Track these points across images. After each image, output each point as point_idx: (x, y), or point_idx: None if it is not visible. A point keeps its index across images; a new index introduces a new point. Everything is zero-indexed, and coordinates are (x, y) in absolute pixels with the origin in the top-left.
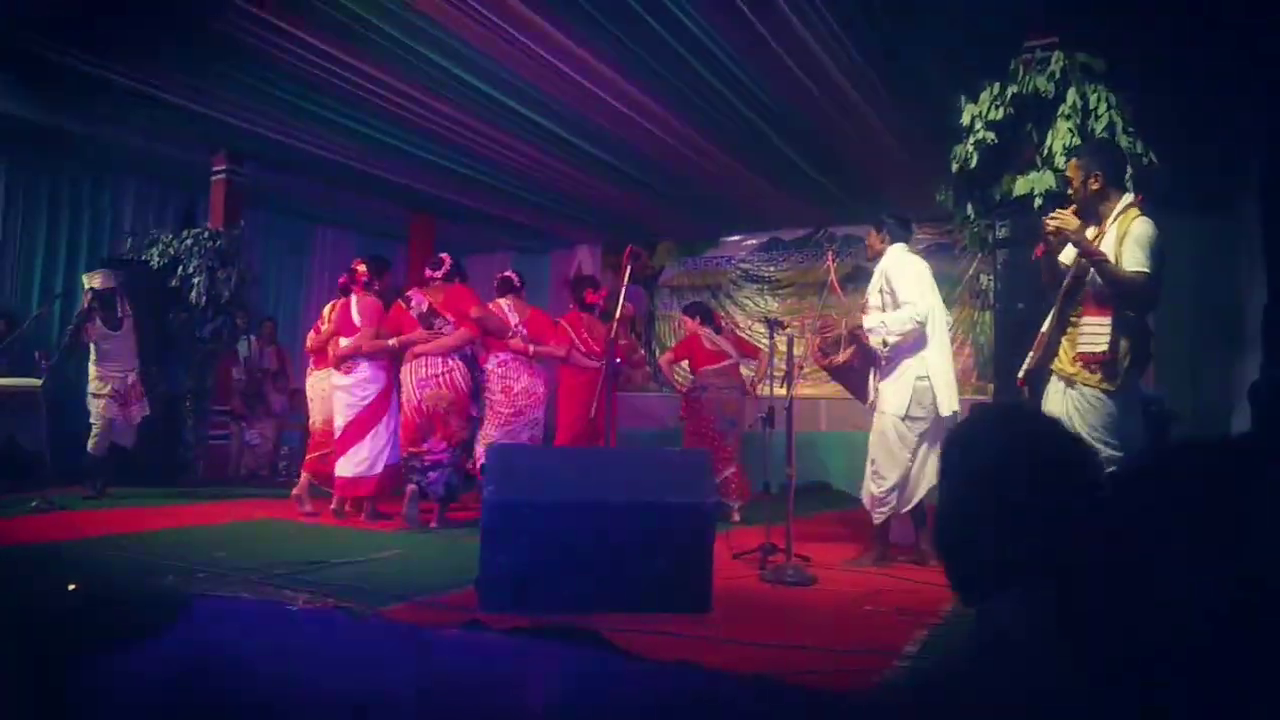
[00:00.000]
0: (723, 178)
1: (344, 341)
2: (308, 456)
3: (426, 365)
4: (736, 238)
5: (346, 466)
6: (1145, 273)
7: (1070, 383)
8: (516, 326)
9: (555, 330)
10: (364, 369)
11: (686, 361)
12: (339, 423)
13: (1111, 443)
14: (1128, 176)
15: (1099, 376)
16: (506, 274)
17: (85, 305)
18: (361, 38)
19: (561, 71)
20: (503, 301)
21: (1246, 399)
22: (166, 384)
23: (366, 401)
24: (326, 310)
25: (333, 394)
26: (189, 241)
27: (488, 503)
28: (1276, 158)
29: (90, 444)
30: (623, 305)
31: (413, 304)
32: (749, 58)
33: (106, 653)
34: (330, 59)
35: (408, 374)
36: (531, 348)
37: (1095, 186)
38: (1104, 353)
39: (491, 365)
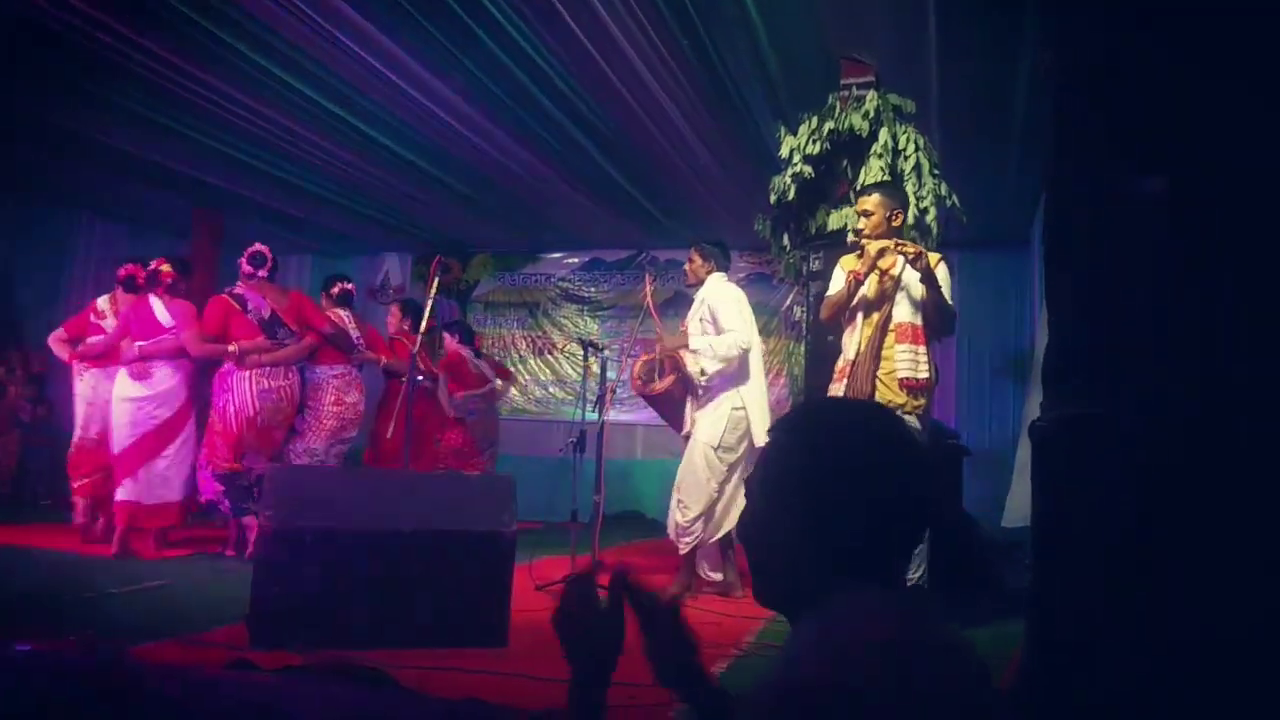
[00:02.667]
0: (544, 192)
1: (136, 344)
2: (79, 477)
3: (269, 376)
4: (557, 255)
5: (137, 490)
6: (952, 306)
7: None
8: (358, 340)
9: (387, 346)
10: (166, 378)
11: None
12: (123, 437)
13: None
14: (931, 217)
15: (922, 403)
16: (347, 285)
17: None
18: (154, 16)
19: (373, 68)
20: (342, 313)
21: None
22: None
23: (165, 416)
24: (105, 306)
25: (115, 404)
26: None
27: (263, 530)
28: (1054, 197)
29: None
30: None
31: (250, 307)
32: (573, 71)
33: None
34: (111, 32)
35: (245, 382)
36: (383, 360)
37: (897, 222)
38: (927, 379)
39: (324, 374)
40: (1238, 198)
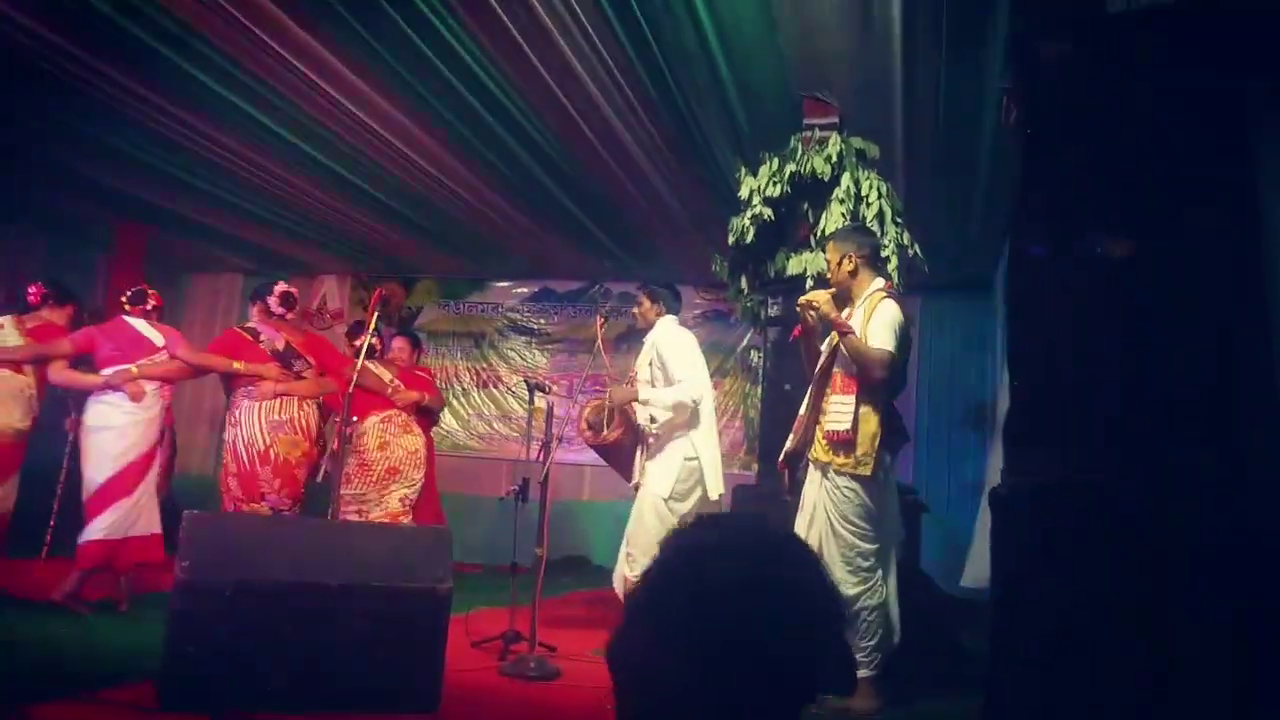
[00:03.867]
0: (493, 220)
1: (132, 363)
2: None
3: (280, 408)
4: (505, 284)
5: (118, 524)
6: (888, 351)
7: (824, 470)
8: (392, 381)
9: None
10: (155, 401)
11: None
12: (109, 467)
13: (867, 534)
14: (893, 266)
15: (851, 461)
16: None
17: None
18: (68, 12)
19: (318, 87)
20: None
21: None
22: None
23: (152, 440)
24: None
25: (95, 432)
26: None
27: (180, 581)
28: (1018, 256)
29: None
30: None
31: (263, 338)
32: (528, 99)
33: None
34: (27, 33)
35: (254, 414)
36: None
37: (849, 268)
38: (846, 431)
39: (370, 420)
40: (1206, 259)
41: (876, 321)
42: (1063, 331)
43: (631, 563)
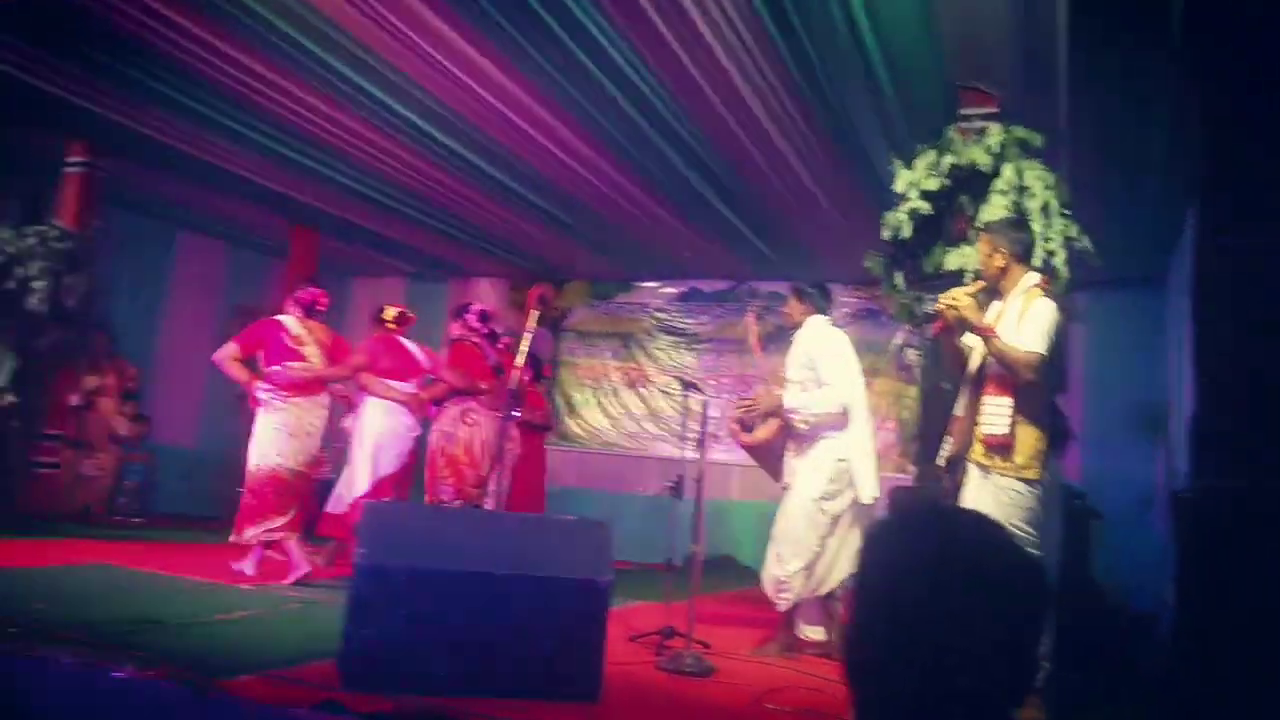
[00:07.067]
0: (642, 220)
1: (389, 384)
2: (286, 510)
3: (477, 415)
4: (653, 284)
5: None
6: (1037, 353)
7: (986, 471)
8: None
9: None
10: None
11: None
12: (385, 466)
13: (1030, 538)
14: (1060, 259)
15: (1012, 464)
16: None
17: None
18: (252, 32)
19: (474, 92)
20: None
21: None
22: None
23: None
24: (300, 331)
25: (382, 435)
26: (32, 241)
27: (359, 567)
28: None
29: None
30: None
31: (490, 356)
32: (676, 96)
33: None
34: (214, 51)
35: (484, 421)
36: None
37: (999, 263)
38: (1004, 435)
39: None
40: None
41: (1028, 321)
42: (1256, 326)
43: (781, 563)
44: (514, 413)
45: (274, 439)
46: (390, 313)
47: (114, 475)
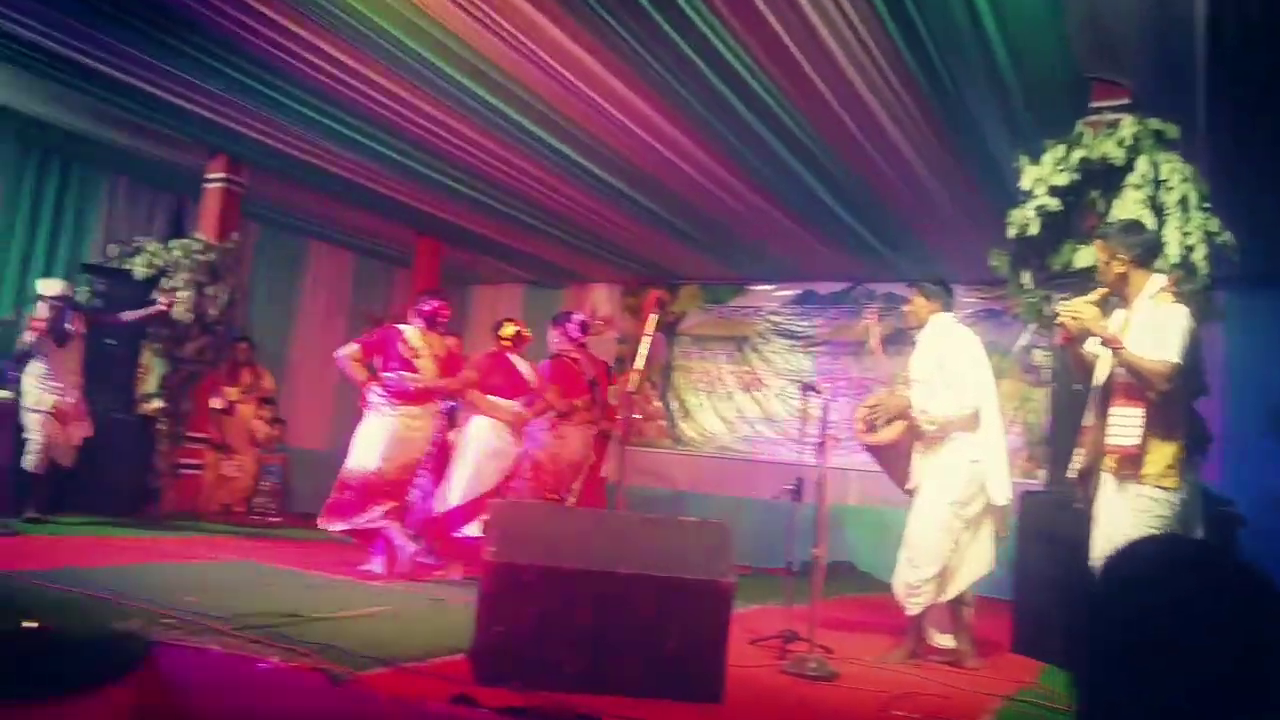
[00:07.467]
0: (755, 221)
1: (497, 404)
2: (379, 504)
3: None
4: (767, 287)
5: (474, 526)
6: (1171, 363)
7: (1121, 481)
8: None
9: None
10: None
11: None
12: (486, 480)
13: None
14: (1199, 255)
15: (1148, 474)
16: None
17: (45, 315)
18: (379, 48)
19: (588, 98)
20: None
21: None
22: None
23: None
24: (419, 343)
25: (485, 449)
26: (178, 253)
27: (488, 564)
28: None
29: (27, 461)
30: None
31: (583, 367)
32: (789, 95)
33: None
34: (343, 68)
35: (573, 434)
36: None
37: (1119, 269)
38: (1135, 446)
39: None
40: None
41: (1158, 327)
42: None
43: (913, 567)
44: (634, 415)
45: (376, 443)
46: (509, 330)
47: (253, 476)
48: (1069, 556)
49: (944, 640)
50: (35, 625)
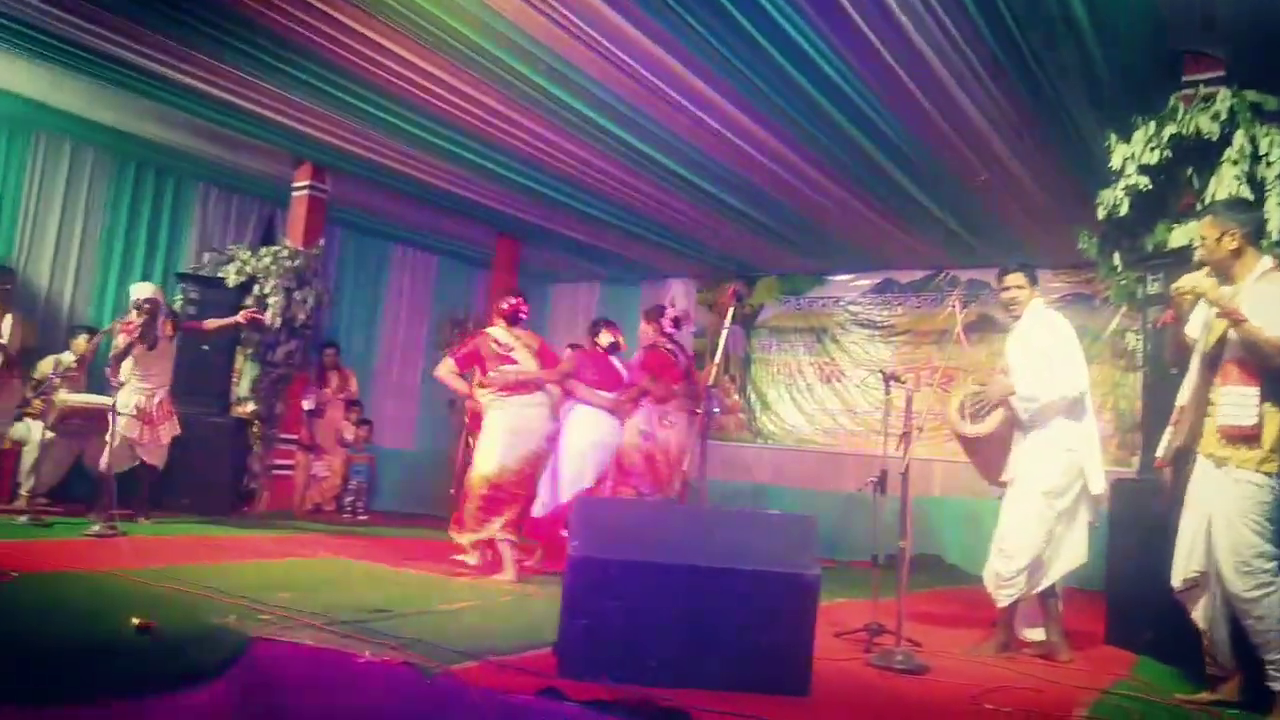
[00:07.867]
0: (832, 211)
1: (595, 391)
2: (502, 510)
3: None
4: (846, 277)
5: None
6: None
7: (1220, 464)
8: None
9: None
10: None
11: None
12: (586, 474)
13: (1268, 532)
14: None
15: (1254, 457)
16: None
17: (137, 318)
18: (456, 53)
19: (664, 94)
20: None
21: None
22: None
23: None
24: (507, 339)
25: (585, 444)
26: (267, 260)
27: (573, 559)
28: None
29: (103, 462)
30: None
31: (679, 357)
32: (864, 77)
33: (164, 691)
34: (426, 75)
35: (681, 422)
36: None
37: (1231, 245)
38: (1252, 426)
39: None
40: None
41: (1271, 305)
42: None
43: (1005, 559)
44: (715, 410)
45: (499, 439)
46: (605, 339)
47: (341, 476)
48: (1162, 545)
49: (1035, 634)
50: (144, 623)
